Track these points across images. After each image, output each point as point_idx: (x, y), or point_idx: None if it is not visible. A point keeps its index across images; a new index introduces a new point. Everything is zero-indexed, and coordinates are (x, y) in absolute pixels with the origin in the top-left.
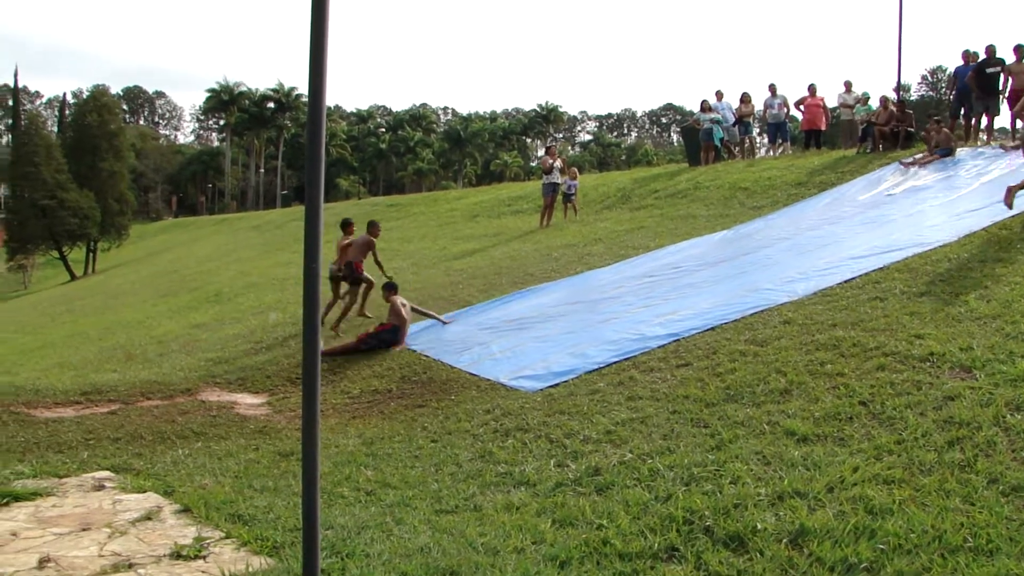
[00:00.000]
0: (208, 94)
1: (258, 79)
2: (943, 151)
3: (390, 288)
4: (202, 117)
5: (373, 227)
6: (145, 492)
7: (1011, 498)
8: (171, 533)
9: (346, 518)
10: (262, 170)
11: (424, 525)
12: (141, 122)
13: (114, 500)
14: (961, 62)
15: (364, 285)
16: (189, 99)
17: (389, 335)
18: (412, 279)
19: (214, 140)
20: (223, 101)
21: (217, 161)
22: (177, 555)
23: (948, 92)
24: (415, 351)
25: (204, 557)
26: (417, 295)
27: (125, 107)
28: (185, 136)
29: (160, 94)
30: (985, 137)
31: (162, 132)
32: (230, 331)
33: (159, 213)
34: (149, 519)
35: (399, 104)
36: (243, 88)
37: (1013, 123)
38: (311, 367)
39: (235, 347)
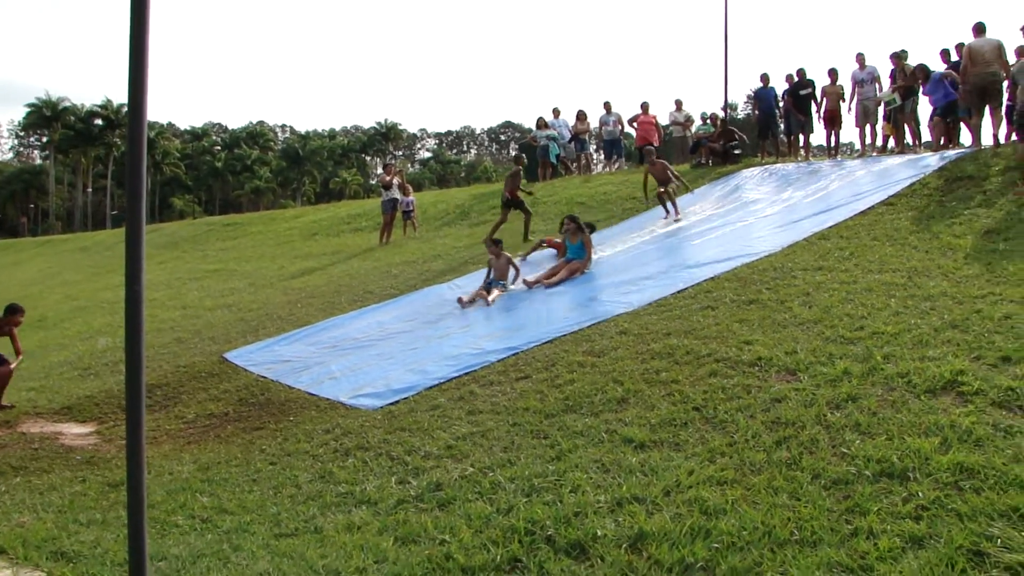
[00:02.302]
0: (28, 109)
1: (83, 95)
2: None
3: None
4: (22, 133)
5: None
6: None
7: (832, 491)
8: None
9: (180, 548)
10: (90, 189)
11: (263, 550)
12: None
13: None
14: (760, 84)
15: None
16: (6, 114)
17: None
18: (249, 299)
19: (36, 158)
20: (45, 117)
21: (40, 180)
22: None
23: (753, 112)
24: (252, 372)
25: None
26: (254, 316)
27: None
28: (2, 153)
29: None
30: (804, 153)
31: None
32: (55, 358)
33: None
34: None
35: (235, 121)
36: (67, 103)
37: (828, 139)
38: (135, 392)
39: (60, 375)
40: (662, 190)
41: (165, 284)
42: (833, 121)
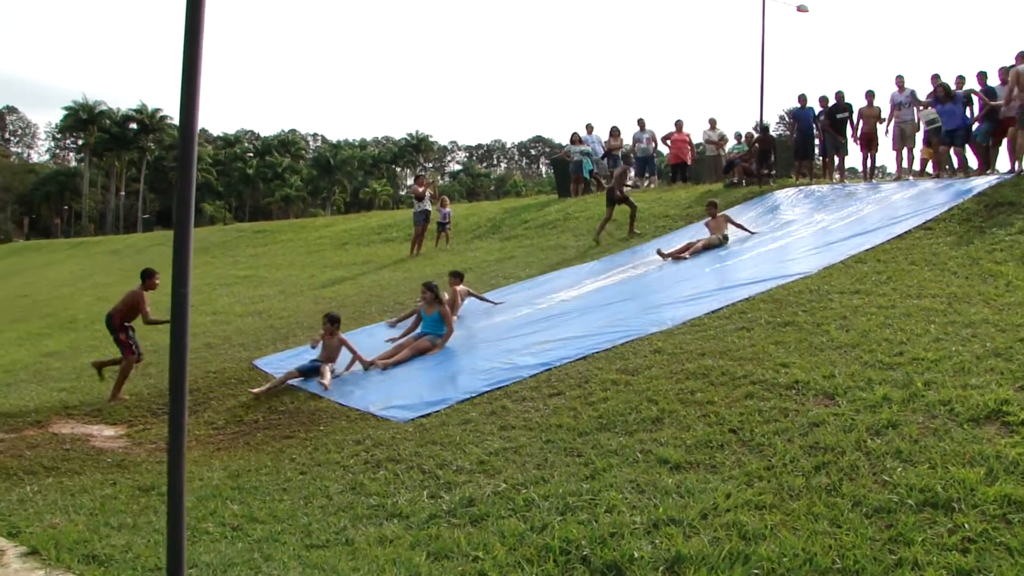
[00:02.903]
0: (65, 112)
1: (119, 98)
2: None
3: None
4: (59, 136)
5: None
6: None
7: (874, 519)
8: None
9: (211, 555)
10: (123, 193)
11: (294, 561)
12: None
13: None
14: (798, 105)
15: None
16: (44, 116)
17: None
18: (279, 307)
19: (72, 160)
20: (81, 120)
21: (74, 182)
22: None
23: (790, 134)
24: None
25: None
26: (284, 323)
27: None
28: (40, 155)
29: (12, 109)
30: (839, 176)
31: (12, 150)
32: (86, 359)
33: (8, 235)
34: None
35: (267, 129)
36: (103, 107)
37: (864, 162)
38: (179, 395)
39: (91, 376)
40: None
41: (195, 289)
42: (869, 144)
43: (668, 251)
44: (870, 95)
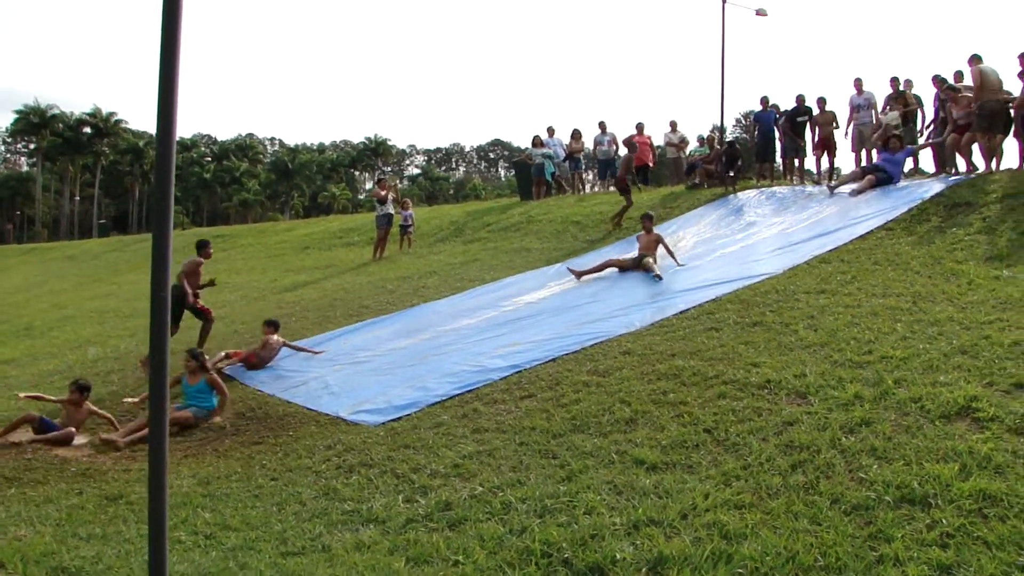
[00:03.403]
0: (16, 115)
1: (73, 102)
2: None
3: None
4: (9, 140)
5: None
6: None
7: (853, 517)
8: None
9: (185, 565)
10: (77, 198)
11: (271, 569)
12: None
13: None
14: (760, 107)
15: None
16: None
17: None
18: (242, 311)
19: (23, 165)
20: (33, 123)
21: (27, 187)
22: None
23: (752, 136)
24: (248, 385)
25: None
26: (247, 328)
27: None
28: None
29: None
30: (800, 177)
31: None
32: (45, 367)
33: None
34: None
35: (224, 133)
36: (56, 111)
37: (818, 165)
38: (159, 400)
39: (51, 384)
40: (648, 260)
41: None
42: (827, 147)
43: (581, 269)
44: (821, 101)
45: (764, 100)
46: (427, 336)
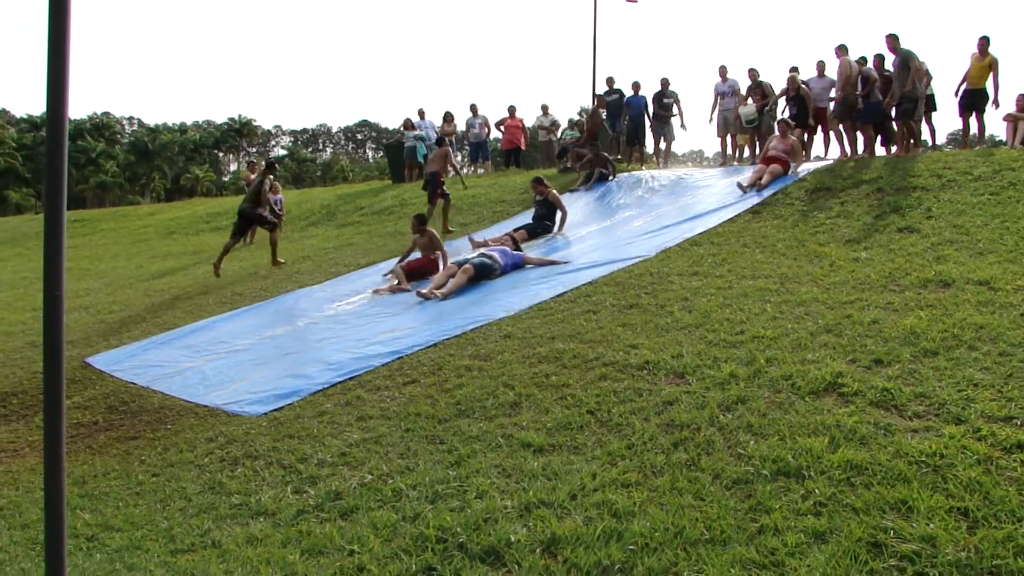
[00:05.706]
0: None
1: None
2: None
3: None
4: None
5: None
6: None
7: (734, 491)
8: None
9: (68, 570)
10: None
11: (161, 568)
12: None
13: None
14: (631, 92)
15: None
16: None
17: None
18: (108, 300)
19: None
20: None
21: None
22: None
23: (624, 120)
24: (119, 378)
25: None
26: (115, 318)
27: None
28: None
29: None
30: (665, 160)
31: None
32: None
33: None
34: None
35: (78, 112)
36: None
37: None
38: (55, 406)
39: None
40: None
41: (9, 284)
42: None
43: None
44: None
45: (635, 85)
46: (304, 323)
